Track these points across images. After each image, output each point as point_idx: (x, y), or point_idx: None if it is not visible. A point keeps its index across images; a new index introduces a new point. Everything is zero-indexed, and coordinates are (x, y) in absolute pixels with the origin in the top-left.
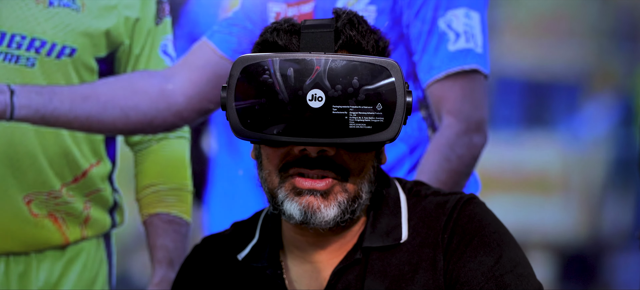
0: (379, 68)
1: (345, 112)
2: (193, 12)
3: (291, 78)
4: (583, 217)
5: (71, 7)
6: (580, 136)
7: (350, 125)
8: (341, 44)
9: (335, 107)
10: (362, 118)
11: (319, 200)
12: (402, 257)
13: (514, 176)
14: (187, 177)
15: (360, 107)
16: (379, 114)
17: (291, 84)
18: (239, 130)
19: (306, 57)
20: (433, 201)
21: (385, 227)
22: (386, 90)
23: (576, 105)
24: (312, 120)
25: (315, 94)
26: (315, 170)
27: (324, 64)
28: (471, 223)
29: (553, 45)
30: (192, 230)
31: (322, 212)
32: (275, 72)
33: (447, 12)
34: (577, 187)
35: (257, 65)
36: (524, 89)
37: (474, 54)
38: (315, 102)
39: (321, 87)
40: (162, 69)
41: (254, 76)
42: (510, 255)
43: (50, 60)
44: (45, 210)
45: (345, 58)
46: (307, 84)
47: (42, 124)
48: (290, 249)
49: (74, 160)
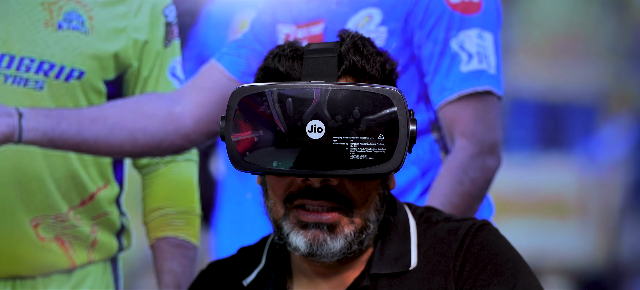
0: (381, 97)
1: (346, 143)
2: (202, 34)
3: (290, 109)
4: (600, 242)
5: (80, 30)
6: (597, 159)
7: (352, 156)
8: (344, 70)
9: (336, 138)
10: (364, 149)
11: (325, 233)
12: (412, 285)
13: (529, 199)
14: (195, 201)
15: (361, 138)
16: (381, 145)
17: (290, 115)
18: (237, 162)
19: (304, 87)
20: (444, 227)
21: (394, 254)
22: (388, 120)
23: (593, 127)
24: (312, 151)
25: (315, 125)
26: (319, 201)
27: (324, 94)
28: (484, 250)
29: (568, 65)
30: (200, 254)
31: (329, 245)
32: (274, 102)
33: (459, 32)
34: (594, 211)
35: (255, 96)
36: (539, 110)
37: (487, 75)
38: (315, 133)
39: (321, 117)
40: (170, 92)
41: (252, 107)
42: (524, 285)
43: (58, 83)
44: (52, 233)
45: (344, 87)
46: (306, 115)
47: (50, 146)
48: (297, 275)
49: (82, 183)
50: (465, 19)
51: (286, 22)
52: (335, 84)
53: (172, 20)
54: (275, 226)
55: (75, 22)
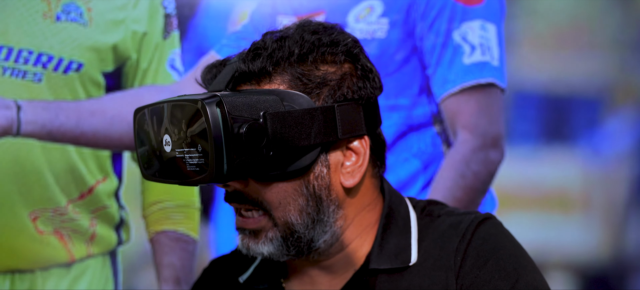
0: (193, 109)
1: (183, 156)
2: (201, 26)
3: (156, 125)
4: (605, 236)
5: (78, 22)
6: (602, 152)
7: (188, 167)
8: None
9: (177, 151)
10: (193, 160)
11: (249, 238)
12: (413, 280)
13: (533, 193)
14: (195, 194)
15: (190, 150)
16: (201, 156)
17: (154, 130)
18: (142, 174)
19: (157, 105)
20: (446, 221)
21: (393, 248)
22: (201, 130)
23: (597, 120)
24: (167, 162)
25: (166, 139)
26: (233, 203)
27: (166, 110)
28: (485, 245)
29: (573, 57)
30: (200, 248)
31: (254, 250)
32: (148, 120)
33: (462, 24)
34: (599, 205)
35: (142, 115)
36: (543, 103)
37: (490, 67)
38: (167, 146)
39: (168, 132)
40: (169, 84)
41: (141, 125)
42: (527, 280)
43: (57, 75)
44: (51, 227)
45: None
46: (161, 131)
47: (49, 139)
48: (296, 269)
49: (80, 177)
50: (468, 10)
51: (286, 14)
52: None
53: (171, 11)
54: None
55: (74, 13)
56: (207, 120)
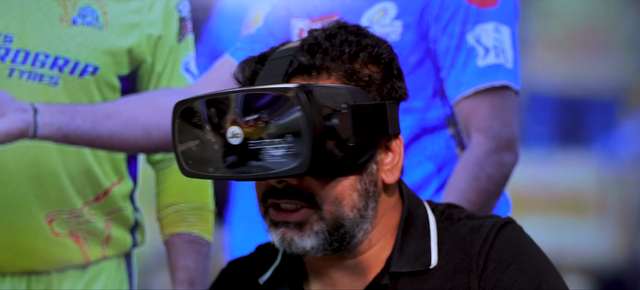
0: (283, 97)
1: (261, 147)
2: (215, 29)
3: (215, 117)
4: (620, 239)
5: (94, 26)
6: (617, 155)
7: (268, 159)
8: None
9: (252, 143)
10: (277, 150)
11: (292, 231)
12: (434, 283)
13: (547, 196)
14: (209, 196)
15: (273, 140)
16: (291, 146)
17: (215, 123)
18: (184, 171)
19: (222, 95)
20: (467, 225)
21: (413, 251)
22: (294, 119)
23: (612, 122)
24: (235, 156)
25: (234, 131)
26: (283, 200)
27: (238, 100)
28: (508, 249)
29: (587, 59)
30: (214, 250)
31: (297, 243)
32: (203, 113)
33: (475, 26)
34: (614, 208)
35: (190, 108)
36: (557, 105)
37: (504, 70)
38: (235, 139)
39: (237, 123)
40: (184, 87)
41: (188, 119)
42: (549, 285)
43: (73, 79)
44: (66, 229)
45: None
46: (226, 122)
47: (65, 142)
48: (313, 272)
49: (96, 179)
50: (482, 13)
51: (300, 17)
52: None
53: (185, 15)
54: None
55: (90, 17)
56: (303, 109)
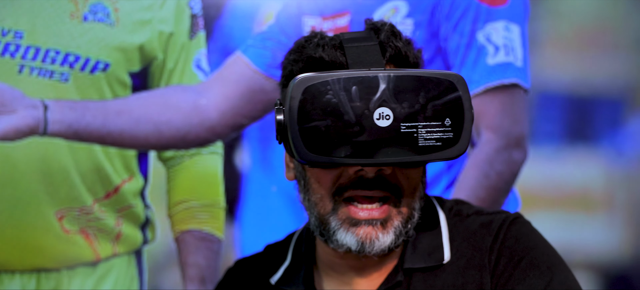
0: (445, 82)
1: (415, 130)
2: (227, 26)
3: (356, 97)
4: (628, 236)
5: (105, 22)
6: (625, 152)
7: (420, 142)
8: (389, 57)
9: (404, 125)
10: (431, 134)
11: (377, 229)
12: (447, 279)
13: (556, 193)
14: (220, 194)
15: (428, 124)
16: (448, 130)
17: (356, 103)
18: (303, 154)
19: (369, 74)
20: (477, 221)
21: (426, 248)
22: (453, 104)
23: (620, 120)
24: (380, 139)
25: (383, 112)
26: (373, 191)
27: (389, 81)
28: (519, 244)
29: (596, 58)
30: (225, 248)
31: (380, 241)
32: (339, 91)
33: (486, 25)
34: (622, 205)
35: (320, 85)
36: (566, 103)
37: (513, 68)
38: (383, 120)
39: (388, 104)
40: (195, 84)
41: (317, 97)
42: (560, 278)
43: (84, 75)
44: (77, 226)
45: (409, 73)
46: (373, 102)
47: (75, 139)
48: (326, 271)
49: (106, 176)
50: (492, 11)
51: (312, 14)
52: (399, 70)
53: (197, 12)
54: (320, 222)
55: (101, 14)
56: (465, 93)
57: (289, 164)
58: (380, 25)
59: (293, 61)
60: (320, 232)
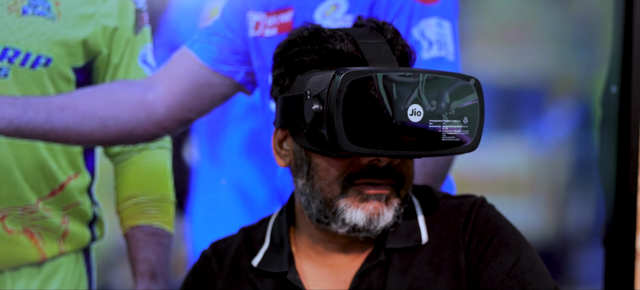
0: (466, 85)
1: (439, 126)
2: (173, 21)
3: (394, 93)
4: (550, 216)
5: (46, 16)
6: (546, 139)
7: (443, 138)
8: (398, 56)
9: (432, 122)
10: (452, 131)
11: (382, 204)
12: (423, 258)
13: (486, 178)
14: (169, 188)
15: (451, 122)
16: (465, 128)
17: (394, 99)
18: (345, 145)
19: (406, 73)
20: (447, 204)
21: (405, 229)
22: (472, 105)
23: (541, 110)
24: (411, 133)
25: (415, 109)
26: (384, 179)
27: (422, 79)
28: (488, 224)
29: (518, 53)
30: (175, 242)
31: (385, 216)
32: (381, 87)
33: (420, 21)
34: (544, 188)
35: (364, 80)
36: (493, 95)
37: (446, 62)
38: (415, 116)
39: (419, 102)
40: (142, 79)
41: (361, 91)
42: (528, 255)
43: (24, 71)
44: (20, 226)
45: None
46: (408, 99)
47: (17, 136)
48: (306, 253)
49: (51, 173)
50: (425, 8)
51: (256, 10)
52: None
53: (141, 6)
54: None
55: (41, 7)
56: (480, 96)
57: (279, 150)
58: (381, 23)
59: (303, 52)
60: (325, 214)
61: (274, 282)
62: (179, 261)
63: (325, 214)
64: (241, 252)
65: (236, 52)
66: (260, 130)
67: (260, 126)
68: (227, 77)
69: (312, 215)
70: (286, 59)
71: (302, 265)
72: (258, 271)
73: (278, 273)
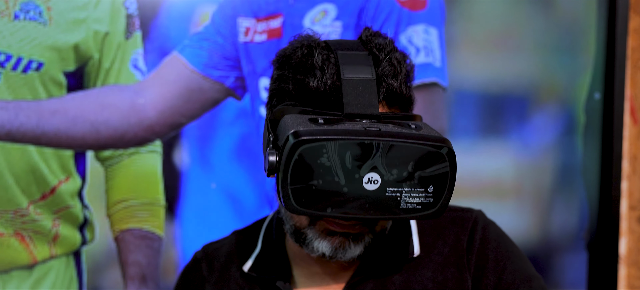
0: (436, 154)
1: (399, 194)
2: (164, 27)
3: (349, 162)
4: (534, 220)
5: (38, 21)
6: (531, 144)
7: (402, 205)
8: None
9: (390, 190)
10: (413, 199)
11: (349, 240)
12: (426, 274)
13: (471, 183)
14: (159, 192)
15: (412, 190)
16: (430, 196)
17: (349, 167)
18: (293, 208)
19: (365, 140)
20: (446, 216)
21: (396, 240)
22: (440, 174)
23: (526, 116)
24: (365, 199)
25: (372, 177)
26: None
27: (382, 148)
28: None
29: (504, 59)
30: (165, 245)
31: (352, 250)
32: (333, 155)
33: (407, 27)
34: (529, 192)
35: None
36: (479, 100)
37: (433, 68)
38: (371, 184)
39: (377, 170)
40: (132, 83)
41: (313, 157)
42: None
43: (16, 75)
44: (11, 229)
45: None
46: (363, 168)
47: (8, 140)
48: (296, 261)
49: (42, 177)
50: (413, 15)
51: (246, 16)
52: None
53: (133, 12)
54: (294, 229)
55: (33, 12)
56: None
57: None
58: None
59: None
60: (296, 238)
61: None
62: (169, 265)
63: (296, 238)
64: (232, 256)
65: (226, 58)
66: (250, 135)
67: (250, 131)
68: (217, 82)
69: (288, 232)
70: (275, 77)
71: (293, 272)
72: (248, 277)
73: (268, 279)
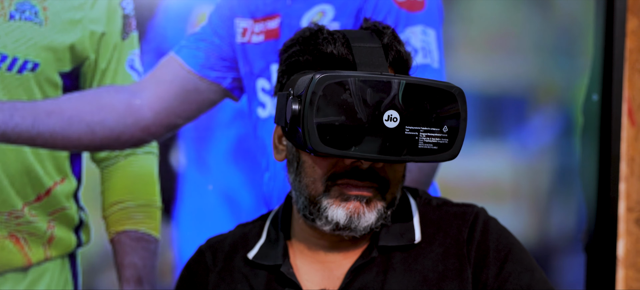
0: (448, 94)
1: (416, 133)
2: (160, 27)
3: (370, 98)
4: (532, 222)
5: (33, 21)
6: (528, 146)
7: (420, 145)
8: (391, 61)
9: (408, 128)
10: (430, 139)
11: (363, 205)
12: (427, 263)
13: (470, 185)
14: (156, 193)
15: (429, 129)
16: (445, 136)
17: (370, 104)
18: (317, 145)
19: (383, 79)
20: (449, 211)
21: (398, 229)
22: (452, 114)
23: (524, 117)
24: (386, 138)
25: (391, 114)
26: (365, 181)
27: (400, 86)
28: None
29: (502, 60)
30: (161, 247)
31: (366, 217)
32: (355, 91)
33: (405, 29)
34: (526, 194)
35: (338, 84)
36: (477, 102)
37: (431, 69)
38: (391, 122)
39: (396, 108)
40: (129, 84)
41: (335, 94)
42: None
43: (11, 75)
44: (5, 231)
45: (418, 82)
46: (384, 105)
47: (3, 141)
48: (300, 249)
49: (37, 178)
50: (411, 16)
51: (243, 16)
52: (411, 78)
53: (129, 12)
54: (309, 202)
55: (28, 12)
56: (463, 106)
57: (278, 145)
58: (382, 27)
59: (299, 52)
60: (310, 211)
61: (267, 275)
62: (165, 266)
63: (310, 211)
64: (236, 247)
65: (223, 58)
66: (247, 136)
67: (246, 132)
68: (214, 83)
69: (300, 209)
70: (285, 58)
71: (296, 260)
72: (252, 264)
73: (272, 266)
